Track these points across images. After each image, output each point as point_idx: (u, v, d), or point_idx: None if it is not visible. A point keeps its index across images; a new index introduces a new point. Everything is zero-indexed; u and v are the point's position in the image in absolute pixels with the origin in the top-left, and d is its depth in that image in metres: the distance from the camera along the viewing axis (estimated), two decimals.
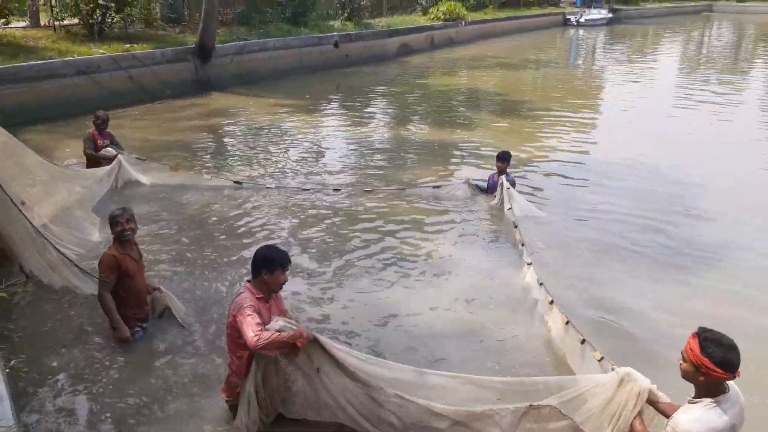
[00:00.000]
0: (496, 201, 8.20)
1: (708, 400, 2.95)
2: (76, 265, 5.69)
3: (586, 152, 11.72)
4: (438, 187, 8.79)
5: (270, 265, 3.90)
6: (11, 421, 2.87)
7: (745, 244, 7.36)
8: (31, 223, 5.74)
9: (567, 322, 4.73)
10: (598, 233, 7.62)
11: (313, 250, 6.96)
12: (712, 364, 2.87)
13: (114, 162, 8.52)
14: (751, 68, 26.22)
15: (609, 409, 3.46)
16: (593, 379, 3.61)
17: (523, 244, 6.65)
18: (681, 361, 3.06)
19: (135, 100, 15.26)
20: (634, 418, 3.39)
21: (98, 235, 6.98)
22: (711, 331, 2.99)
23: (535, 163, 10.80)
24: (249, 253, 6.65)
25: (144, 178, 8.91)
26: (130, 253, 4.99)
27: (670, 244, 7.34)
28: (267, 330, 3.59)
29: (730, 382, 3.00)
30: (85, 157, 8.79)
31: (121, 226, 4.90)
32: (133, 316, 5.06)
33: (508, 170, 8.42)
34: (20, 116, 12.57)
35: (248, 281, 4.01)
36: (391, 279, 6.34)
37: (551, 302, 5.17)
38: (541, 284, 5.56)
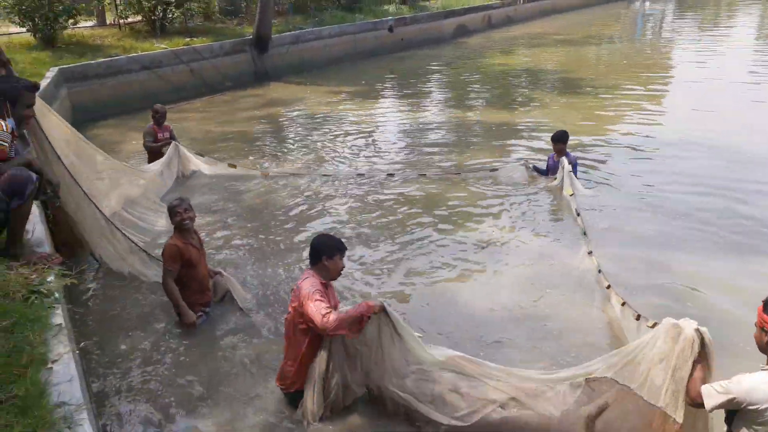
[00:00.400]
0: (557, 182, 7.93)
1: None
2: (145, 251, 5.88)
3: (653, 129, 11.17)
4: (495, 170, 8.61)
5: (330, 251, 3.94)
6: (81, 399, 2.97)
7: None
8: (100, 211, 5.96)
9: (623, 304, 4.57)
10: (664, 214, 7.27)
11: (371, 236, 6.96)
12: None
13: (170, 149, 8.64)
14: None
15: (663, 366, 3.22)
16: (641, 341, 3.38)
17: (584, 233, 6.42)
18: (756, 335, 2.98)
19: (196, 93, 15.67)
20: (693, 369, 3.10)
21: (164, 223, 7.18)
22: None
23: (599, 142, 10.40)
24: (307, 240, 6.73)
25: (206, 168, 9.11)
26: (191, 242, 5.11)
27: (740, 224, 6.91)
28: (330, 307, 3.67)
29: None
30: (146, 151, 9.00)
31: (180, 216, 5.02)
32: (197, 301, 5.18)
33: (568, 150, 8.14)
34: (89, 112, 13.14)
35: (308, 268, 4.04)
36: (449, 262, 6.26)
37: (608, 287, 5.00)
38: (599, 271, 5.38)
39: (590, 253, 5.90)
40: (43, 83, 11.22)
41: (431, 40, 25.15)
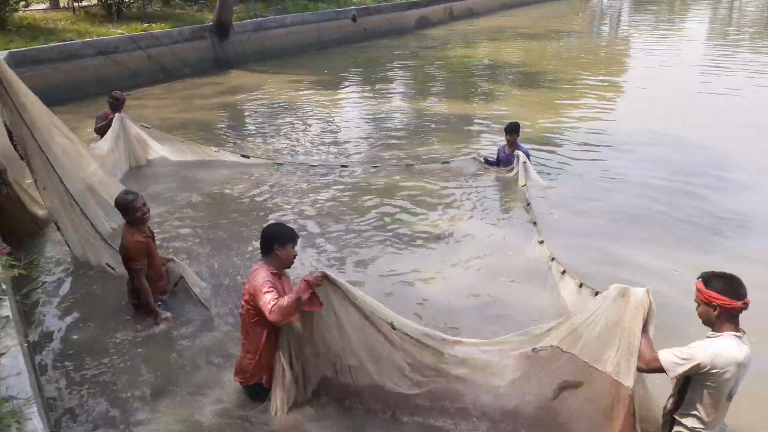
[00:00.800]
0: (512, 173, 8.07)
1: (730, 333, 3.07)
2: (109, 243, 5.69)
3: (610, 122, 11.47)
4: (447, 162, 8.72)
5: (282, 240, 3.91)
6: (30, 393, 2.92)
7: None
8: (68, 189, 5.68)
9: (581, 285, 4.68)
10: (618, 204, 7.49)
11: (325, 225, 6.99)
12: (719, 295, 3.03)
13: (114, 122, 8.13)
14: None
15: (610, 332, 3.29)
16: (590, 307, 3.41)
17: (535, 223, 6.56)
18: (697, 307, 3.19)
19: (154, 80, 15.33)
20: (641, 337, 3.18)
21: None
22: (709, 271, 3.17)
23: (556, 133, 10.62)
24: (258, 229, 6.70)
25: (161, 151, 8.93)
26: (146, 233, 5.03)
27: (694, 213, 7.19)
28: (278, 296, 3.67)
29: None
30: (98, 135, 8.55)
31: (140, 211, 4.90)
32: (155, 291, 5.11)
33: (521, 143, 8.30)
34: (42, 98, 12.58)
35: (260, 260, 4.01)
36: (405, 254, 6.33)
37: (563, 272, 5.11)
38: (552, 259, 5.50)
39: (541, 242, 6.03)
40: None
41: (394, 31, 25.12)
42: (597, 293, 4.11)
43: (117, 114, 8.29)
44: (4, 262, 4.06)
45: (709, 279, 3.12)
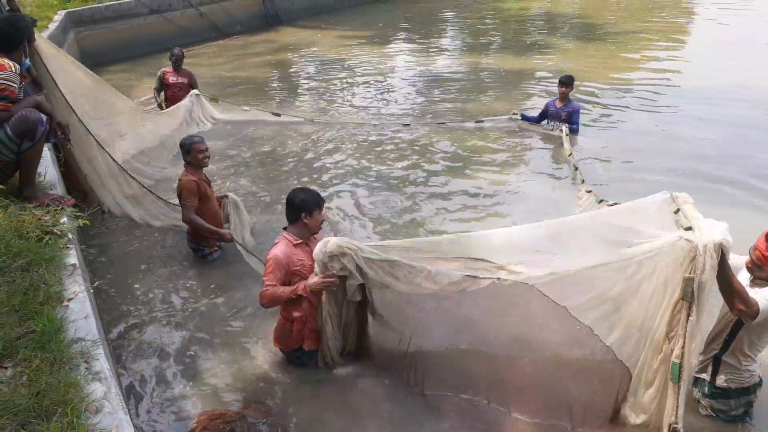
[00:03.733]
0: (555, 133, 7.86)
1: None
2: (160, 197, 5.93)
3: (673, 77, 10.92)
4: (480, 121, 8.47)
5: (308, 207, 3.83)
6: (96, 336, 3.03)
7: None
8: (113, 159, 5.99)
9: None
10: (678, 164, 7.12)
11: (372, 184, 6.96)
12: None
13: (188, 98, 8.48)
14: None
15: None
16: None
17: (583, 181, 6.33)
18: (749, 258, 3.17)
19: (206, 38, 15.43)
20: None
21: (171, 168, 7.19)
22: None
23: (614, 89, 10.20)
24: (316, 186, 6.72)
25: (219, 115, 9.04)
26: (204, 177, 5.17)
27: (754, 182, 6.70)
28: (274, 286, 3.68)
29: None
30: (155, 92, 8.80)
31: (203, 154, 5.07)
32: (212, 236, 5.26)
33: (571, 98, 8.01)
34: (98, 57, 13.01)
35: (284, 228, 3.93)
36: (451, 211, 6.27)
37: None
38: (600, 201, 5.29)
39: (590, 191, 5.84)
40: (51, 27, 11.09)
41: None
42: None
43: (195, 92, 8.56)
44: (70, 214, 4.18)
45: None
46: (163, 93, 8.69)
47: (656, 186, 6.40)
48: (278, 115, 9.11)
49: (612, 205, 4.82)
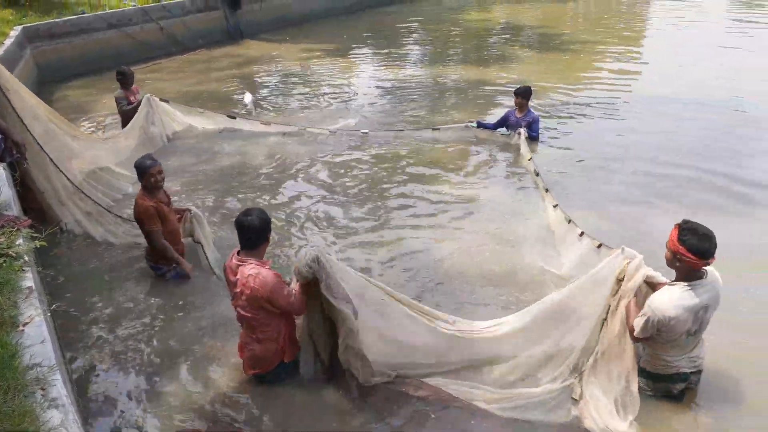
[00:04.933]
0: (514, 140, 8.00)
1: (683, 284, 3.32)
2: (118, 215, 5.87)
3: (629, 86, 11.19)
4: (437, 129, 8.58)
5: (269, 229, 3.79)
6: (53, 361, 2.97)
7: None
8: (68, 177, 5.90)
9: (599, 246, 4.65)
10: (636, 169, 7.34)
11: (334, 196, 6.98)
12: (686, 251, 3.22)
13: (142, 104, 8.17)
14: None
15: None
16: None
17: (547, 190, 6.43)
18: (666, 251, 3.40)
19: (168, 52, 15.24)
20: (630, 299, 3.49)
21: (131, 188, 7.09)
22: (691, 221, 3.32)
23: (573, 98, 10.43)
24: (283, 202, 6.71)
25: (177, 128, 8.94)
26: (160, 198, 5.12)
27: (715, 180, 6.98)
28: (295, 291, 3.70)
29: (710, 269, 3.38)
30: (120, 116, 8.50)
31: (154, 177, 5.01)
32: (169, 263, 5.24)
33: (531, 107, 8.19)
34: (56, 72, 12.78)
35: (239, 252, 3.77)
36: (413, 220, 6.33)
37: (581, 234, 5.02)
38: (569, 221, 5.41)
39: (556, 206, 5.94)
40: (7, 43, 10.85)
41: None
42: (599, 245, 4.46)
43: (146, 96, 8.30)
44: (26, 234, 4.10)
45: (684, 232, 3.27)
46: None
47: (613, 193, 6.66)
48: (233, 117, 9.06)
49: (581, 234, 5.02)
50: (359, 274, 3.77)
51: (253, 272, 3.63)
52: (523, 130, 7.83)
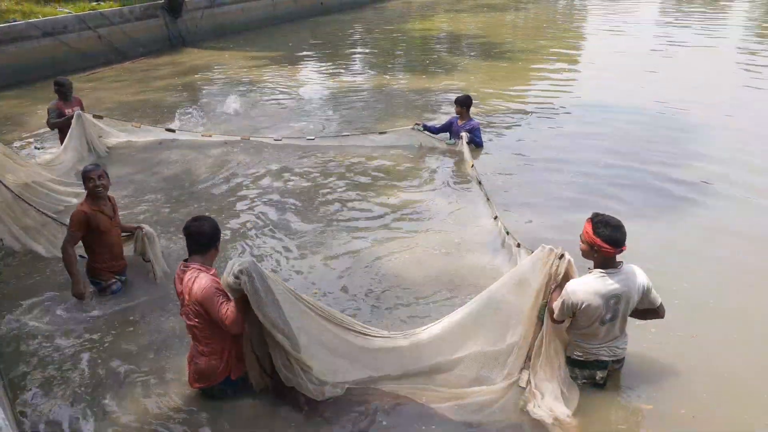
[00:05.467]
0: (458, 148, 8.19)
1: (598, 271, 3.61)
2: (63, 224, 5.65)
3: (567, 91, 11.61)
4: (383, 132, 8.72)
5: (218, 236, 3.75)
6: None
7: (738, 180, 7.23)
8: (6, 187, 5.71)
9: (518, 245, 4.83)
10: (574, 175, 7.55)
11: (280, 204, 6.97)
12: (602, 242, 3.51)
13: (73, 121, 7.89)
14: None
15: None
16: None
17: (488, 199, 6.57)
18: (580, 243, 3.70)
19: (106, 61, 14.91)
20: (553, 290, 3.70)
21: (75, 200, 6.90)
22: (602, 215, 3.63)
23: (513, 105, 10.72)
24: (227, 214, 6.67)
25: (122, 136, 8.78)
26: (102, 209, 4.99)
27: (654, 181, 7.27)
28: (229, 303, 3.50)
29: (630, 266, 3.68)
30: (55, 129, 8.18)
31: (93, 182, 4.90)
32: (108, 269, 5.13)
33: (472, 116, 8.40)
34: None
35: (187, 260, 3.72)
36: (359, 230, 6.35)
37: (518, 245, 5.17)
38: (507, 233, 5.55)
39: (495, 218, 6.10)
40: None
41: (351, 5, 24.88)
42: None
43: (77, 112, 8.01)
44: None
45: (598, 225, 3.56)
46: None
47: (554, 197, 6.90)
48: (173, 131, 8.93)
49: (518, 245, 5.17)
50: (290, 290, 3.62)
51: (194, 275, 3.59)
52: (465, 135, 8.01)
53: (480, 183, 6.99)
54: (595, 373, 3.85)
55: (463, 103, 8.18)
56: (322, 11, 23.17)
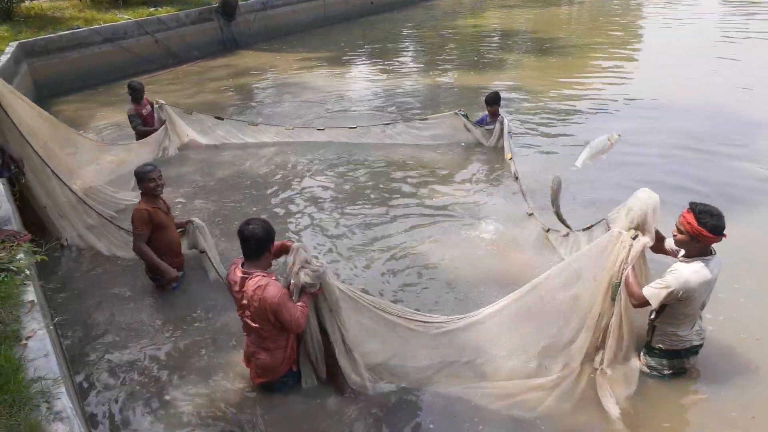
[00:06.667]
0: (492, 143, 8.11)
1: (701, 259, 3.60)
2: (120, 227, 5.86)
3: (621, 92, 11.15)
4: (425, 119, 8.68)
5: (273, 237, 3.76)
6: (57, 373, 2.97)
7: None
8: (72, 190, 5.90)
9: (590, 227, 4.70)
10: (623, 174, 7.24)
11: (334, 202, 7.01)
12: (708, 233, 3.49)
13: (160, 129, 8.34)
14: None
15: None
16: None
17: (524, 195, 6.50)
18: (675, 233, 3.67)
19: (163, 64, 15.31)
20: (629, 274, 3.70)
21: (133, 195, 7.10)
22: (701, 204, 3.59)
23: (564, 103, 10.46)
24: (284, 213, 6.72)
25: (191, 135, 8.98)
26: (159, 206, 5.13)
27: (700, 188, 6.86)
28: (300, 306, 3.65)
29: (714, 246, 3.66)
30: (136, 134, 8.45)
31: (154, 182, 5.03)
32: (170, 265, 5.21)
33: (502, 112, 8.30)
34: (53, 87, 12.82)
35: (246, 263, 3.75)
36: (399, 225, 6.35)
37: (566, 235, 5.02)
38: (548, 230, 5.42)
39: (531, 214, 6.02)
40: (3, 59, 10.87)
41: (401, 3, 24.82)
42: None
43: (162, 103, 8.42)
44: (27, 249, 4.10)
45: (702, 215, 3.53)
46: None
47: (599, 201, 6.59)
48: (255, 125, 9.06)
49: (566, 235, 5.07)
50: (346, 288, 3.82)
51: (261, 284, 3.61)
52: (506, 124, 7.88)
53: (517, 179, 6.84)
54: (685, 361, 3.90)
55: (493, 101, 8.06)
56: (372, 11, 23.20)
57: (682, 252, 3.73)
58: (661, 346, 3.86)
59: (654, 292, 3.59)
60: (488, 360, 4.00)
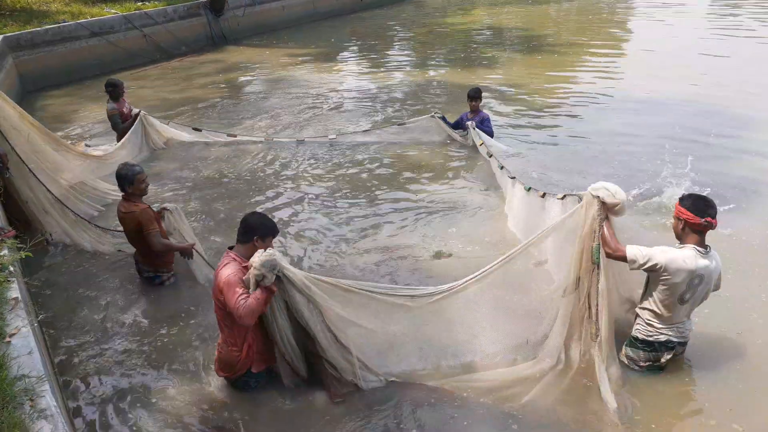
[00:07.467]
0: (469, 141, 8.19)
1: (692, 246, 3.64)
2: (97, 225, 5.86)
3: (610, 87, 11.25)
4: (403, 123, 8.76)
5: (263, 231, 3.76)
6: (42, 371, 2.96)
7: None
8: (47, 189, 5.84)
9: (563, 197, 4.53)
10: (607, 170, 7.31)
11: (317, 201, 7.00)
12: (686, 210, 3.60)
13: (136, 122, 8.15)
14: None
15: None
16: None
17: (502, 167, 6.67)
18: (673, 224, 3.77)
19: (151, 59, 15.19)
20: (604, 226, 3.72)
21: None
22: (689, 192, 3.73)
23: (551, 98, 10.53)
24: (266, 210, 6.70)
25: (170, 134, 8.90)
26: (149, 205, 5.10)
27: (687, 182, 6.85)
28: (247, 295, 3.48)
29: (714, 254, 3.71)
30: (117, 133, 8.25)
31: (145, 183, 5.02)
32: (163, 263, 5.24)
33: (481, 108, 8.35)
34: (39, 81, 12.70)
35: (232, 248, 3.80)
36: (390, 224, 6.35)
37: (543, 195, 4.95)
38: (528, 189, 5.37)
39: (513, 177, 6.10)
40: None
41: (391, 0, 24.78)
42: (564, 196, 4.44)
43: (141, 112, 8.26)
44: (11, 245, 4.07)
45: (683, 198, 3.69)
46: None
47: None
48: (234, 135, 9.00)
49: (542, 195, 4.97)
50: (318, 279, 3.68)
51: (223, 262, 3.65)
52: (470, 123, 8.01)
53: (503, 168, 6.86)
54: (661, 355, 3.90)
55: (474, 97, 8.12)
56: (362, 7, 23.15)
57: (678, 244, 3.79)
58: (639, 335, 3.92)
59: (636, 252, 3.66)
60: (473, 344, 4.10)
